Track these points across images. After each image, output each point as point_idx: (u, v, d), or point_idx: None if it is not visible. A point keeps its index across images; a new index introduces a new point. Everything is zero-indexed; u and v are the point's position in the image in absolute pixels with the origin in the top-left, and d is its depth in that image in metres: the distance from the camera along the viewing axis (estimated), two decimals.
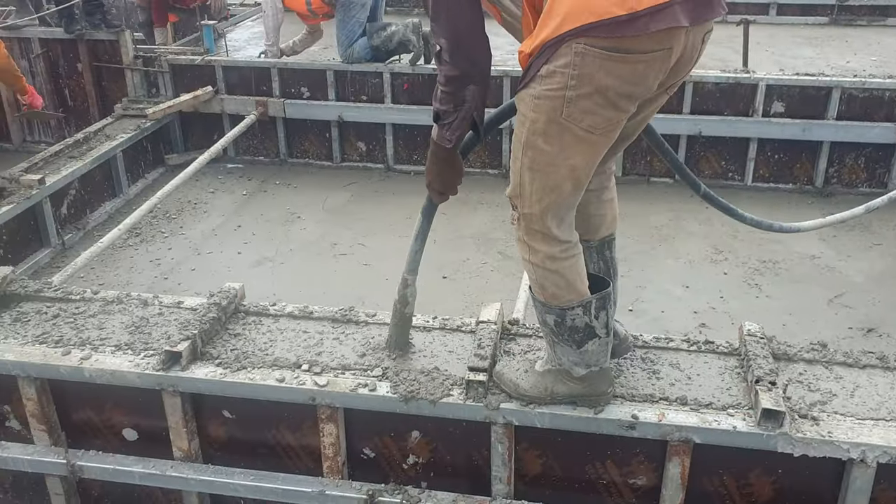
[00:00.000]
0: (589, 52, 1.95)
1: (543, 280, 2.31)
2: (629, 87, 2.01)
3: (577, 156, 2.12)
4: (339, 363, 2.74)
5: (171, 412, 2.76)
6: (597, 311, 2.33)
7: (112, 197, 5.79)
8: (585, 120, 2.05)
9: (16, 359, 2.79)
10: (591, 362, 2.41)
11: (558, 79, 2.01)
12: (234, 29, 7.94)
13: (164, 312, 3.04)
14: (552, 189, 2.17)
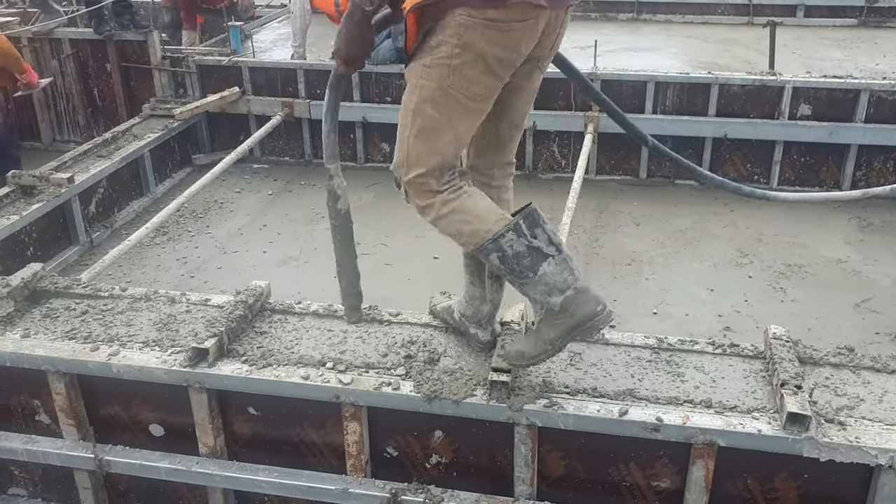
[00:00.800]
0: (469, 22, 2.15)
1: (454, 226, 2.37)
2: (505, 52, 2.21)
3: (461, 123, 2.30)
4: (362, 361, 2.76)
5: (197, 408, 2.79)
6: (530, 229, 2.34)
7: (140, 196, 5.86)
8: (469, 87, 2.23)
9: (46, 354, 2.83)
10: (560, 285, 2.35)
11: (445, 48, 2.20)
12: (261, 30, 8.00)
13: (192, 310, 3.08)
14: (437, 153, 2.31)
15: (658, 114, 6.14)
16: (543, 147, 6.41)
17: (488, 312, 2.76)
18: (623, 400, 2.56)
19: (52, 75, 6.87)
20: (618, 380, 2.66)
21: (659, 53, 7.55)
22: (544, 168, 6.47)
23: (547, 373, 2.69)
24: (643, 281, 4.88)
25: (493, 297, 2.73)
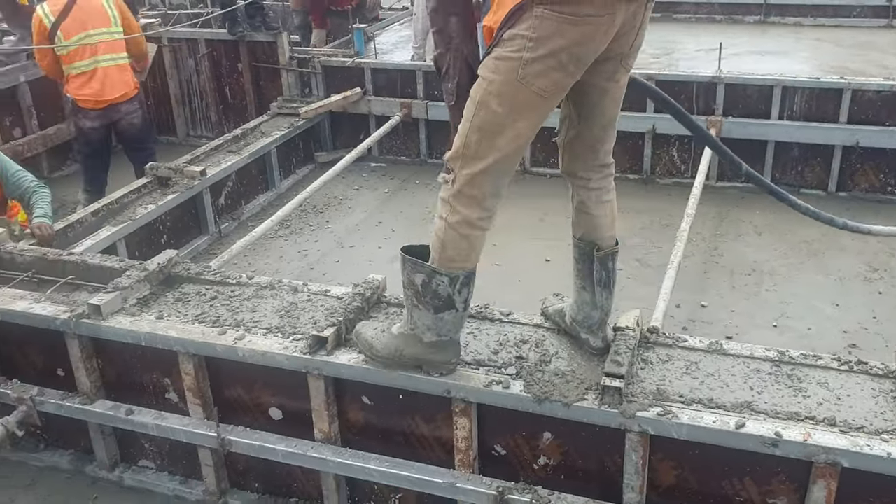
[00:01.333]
0: (546, 15, 2.14)
1: (448, 241, 2.44)
2: (578, 48, 2.19)
3: (524, 119, 2.28)
4: (473, 358, 2.80)
5: (314, 395, 2.90)
6: (461, 286, 2.51)
7: (265, 190, 6.13)
8: (538, 82, 2.21)
9: (177, 335, 3.01)
10: (443, 331, 2.58)
11: (518, 42, 2.19)
12: (383, 32, 8.19)
13: (312, 299, 3.20)
14: (496, 150, 2.31)
15: (785, 119, 5.90)
16: (662, 151, 6.28)
17: (599, 318, 2.76)
18: (740, 412, 2.49)
19: (189, 73, 7.27)
20: (735, 391, 2.59)
21: (787, 57, 7.23)
22: (663, 172, 6.33)
23: (661, 380, 2.65)
24: (763, 292, 4.70)
25: (603, 303, 2.74)
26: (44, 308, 3.18)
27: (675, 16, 9.60)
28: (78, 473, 3.45)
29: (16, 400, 3.30)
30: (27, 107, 6.65)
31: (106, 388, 3.30)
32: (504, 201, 2.52)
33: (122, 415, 3.18)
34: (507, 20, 2.19)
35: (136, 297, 3.22)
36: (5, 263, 3.59)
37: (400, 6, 9.72)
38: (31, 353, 3.39)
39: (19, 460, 3.52)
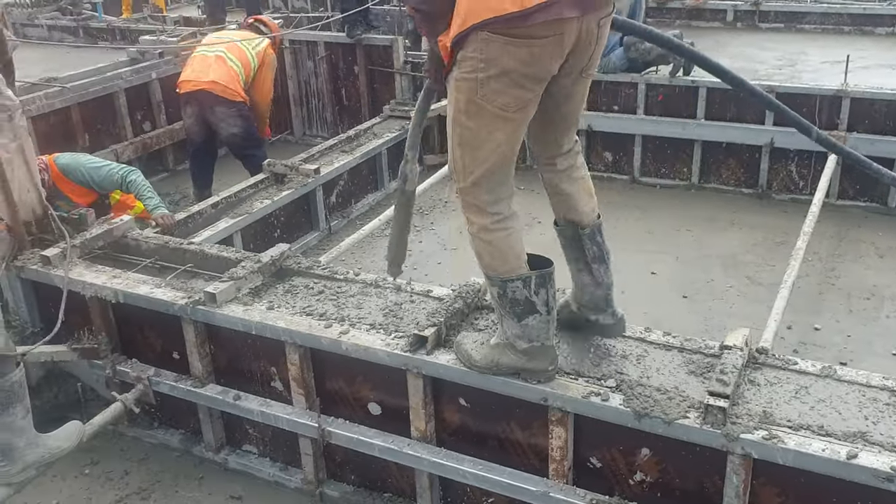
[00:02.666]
0: (491, 38, 2.22)
1: (481, 250, 2.55)
2: (528, 68, 2.27)
3: (498, 132, 2.36)
4: (573, 368, 2.77)
5: (413, 393, 2.95)
6: (537, 287, 2.54)
7: (374, 190, 6.26)
8: (497, 99, 2.30)
9: (286, 326, 3.12)
10: (532, 337, 2.60)
11: (470, 63, 2.28)
12: None
13: (415, 299, 3.25)
14: (481, 162, 2.41)
15: None
16: (780, 166, 6.04)
17: (603, 295, 2.81)
18: (853, 442, 2.37)
19: (307, 74, 7.51)
20: (848, 420, 2.46)
21: None
22: (780, 188, 6.09)
23: (769, 403, 2.55)
24: (883, 318, 4.46)
25: (602, 278, 2.80)
26: (164, 293, 3.36)
27: (800, 26, 9.24)
28: (186, 453, 3.63)
29: (134, 379, 3.51)
30: (157, 102, 7.04)
31: (216, 373, 3.45)
32: (611, 212, 2.51)
33: (230, 399, 3.32)
34: (457, 42, 2.28)
35: (249, 287, 3.36)
36: (131, 249, 3.82)
37: None
38: (150, 335, 3.59)
39: (134, 436, 3.73)
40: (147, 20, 10.12)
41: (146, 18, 10.31)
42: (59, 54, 9.23)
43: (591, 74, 2.53)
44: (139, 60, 7.07)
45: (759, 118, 5.97)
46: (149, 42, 7.41)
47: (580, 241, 2.74)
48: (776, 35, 9.02)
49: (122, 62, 7.14)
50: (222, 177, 6.16)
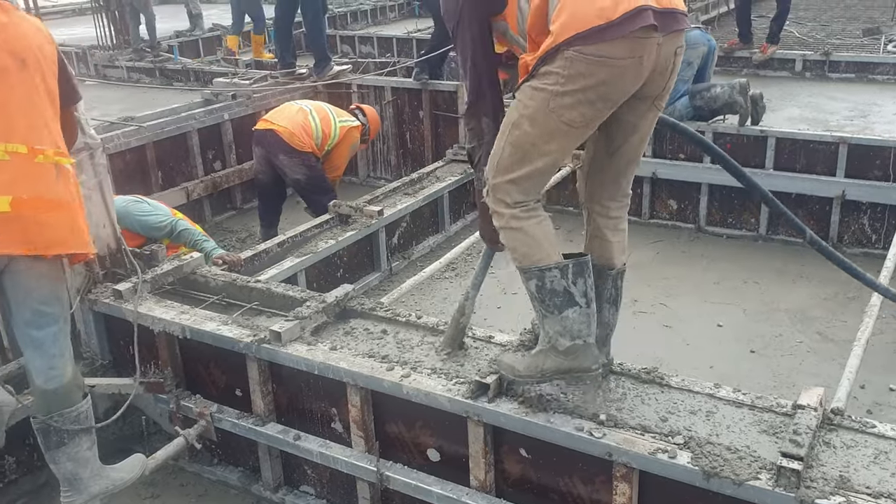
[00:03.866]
0: (576, 57, 2.33)
1: (513, 241, 2.59)
2: (606, 87, 2.38)
3: (554, 143, 2.47)
4: (639, 423, 2.71)
5: (473, 440, 2.91)
6: (574, 276, 2.56)
7: (435, 232, 6.29)
8: (566, 114, 2.40)
9: (348, 367, 3.13)
10: (574, 333, 2.60)
11: (552, 77, 2.38)
12: None
13: (477, 345, 3.23)
14: (526, 165, 2.50)
15: None
16: (852, 219, 5.88)
17: (603, 336, 2.87)
18: None
19: None
20: None
21: None
22: (851, 241, 5.92)
23: (845, 467, 2.44)
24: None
25: (609, 319, 2.88)
26: (230, 330, 3.41)
27: (872, 77, 9.05)
28: (245, 491, 3.64)
29: (197, 414, 3.56)
30: (228, 142, 7.24)
31: (277, 412, 3.47)
32: (675, 261, 2.51)
33: (290, 439, 3.33)
34: (543, 59, 2.39)
35: (313, 326, 3.39)
36: (200, 286, 3.90)
37: None
38: (215, 371, 3.64)
39: (195, 471, 3.77)
40: (220, 63, 10.47)
41: (219, 61, 10.67)
42: (136, 94, 9.61)
43: (662, 106, 2.62)
44: (212, 101, 7.31)
45: (831, 170, 5.84)
46: (222, 84, 7.65)
47: (600, 281, 2.79)
48: (846, 86, 8.86)
49: (196, 103, 7.38)
50: (289, 216, 6.28)
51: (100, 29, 11.40)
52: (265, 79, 7.80)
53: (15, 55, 2.67)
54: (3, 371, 3.52)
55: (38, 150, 2.71)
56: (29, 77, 2.71)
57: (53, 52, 2.87)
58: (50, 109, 2.80)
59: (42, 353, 2.84)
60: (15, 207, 2.63)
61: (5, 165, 2.63)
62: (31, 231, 2.68)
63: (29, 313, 2.80)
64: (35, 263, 2.75)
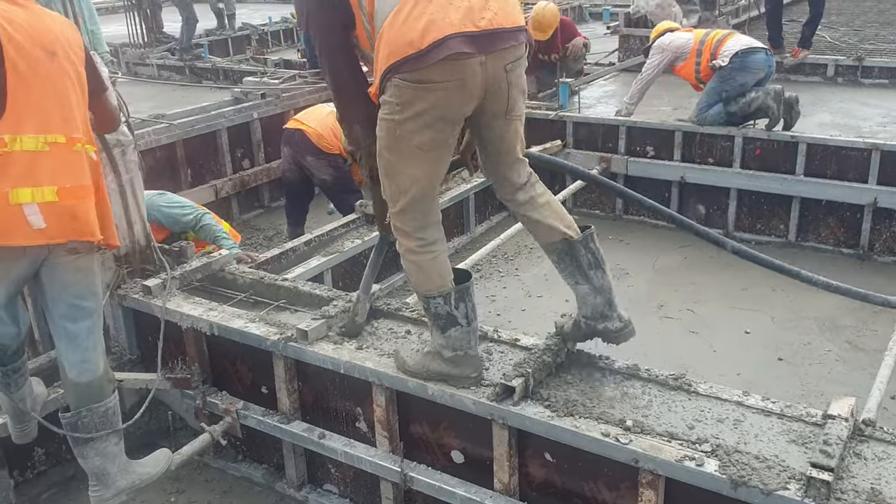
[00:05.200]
0: (402, 84, 2.48)
1: (409, 270, 2.84)
2: (439, 111, 2.51)
3: (415, 167, 2.62)
4: (665, 430, 2.68)
5: (497, 443, 2.91)
6: (456, 302, 2.79)
7: (461, 234, 6.29)
8: (413, 138, 2.55)
9: (374, 367, 3.13)
10: (456, 346, 2.85)
11: (389, 106, 2.55)
12: (588, 87, 8.23)
13: (502, 348, 3.22)
14: (404, 192, 2.67)
15: None
16: (883, 227, 5.80)
17: (604, 301, 2.91)
18: None
19: None
20: None
21: None
22: (883, 249, 5.84)
23: (877, 479, 2.41)
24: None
25: (601, 284, 2.91)
26: (257, 328, 3.43)
27: None
28: (268, 488, 3.66)
29: (223, 411, 3.58)
30: (257, 141, 7.30)
31: (302, 410, 3.49)
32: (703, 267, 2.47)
33: (315, 437, 3.35)
34: (380, 90, 2.56)
35: (339, 325, 3.40)
36: (228, 283, 3.93)
37: (606, 62, 9.74)
38: (241, 368, 3.67)
39: (219, 468, 3.80)
40: (249, 62, 10.55)
41: (248, 60, 10.75)
42: (166, 92, 9.71)
43: (518, 117, 2.74)
44: (242, 100, 7.37)
45: (863, 176, 5.77)
46: (251, 83, 7.71)
47: (573, 252, 2.87)
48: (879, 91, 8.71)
49: (226, 101, 7.45)
50: (316, 215, 6.31)
51: (131, 27, 11.54)
52: (294, 78, 7.85)
53: (44, 47, 2.71)
54: (34, 363, 3.56)
55: (74, 138, 2.77)
56: (59, 67, 2.75)
57: (79, 40, 2.91)
58: (81, 98, 2.85)
59: (76, 347, 2.88)
60: (61, 197, 2.69)
61: (46, 156, 2.68)
62: (76, 219, 2.73)
63: (65, 307, 2.84)
64: (73, 258, 2.80)
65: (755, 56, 6.13)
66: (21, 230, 2.64)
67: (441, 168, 2.71)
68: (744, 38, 6.31)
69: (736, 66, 6.10)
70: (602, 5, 15.68)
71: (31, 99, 2.67)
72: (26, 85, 2.65)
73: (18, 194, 2.62)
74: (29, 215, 2.63)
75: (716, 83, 6.22)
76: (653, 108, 7.15)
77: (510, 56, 2.57)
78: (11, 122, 2.62)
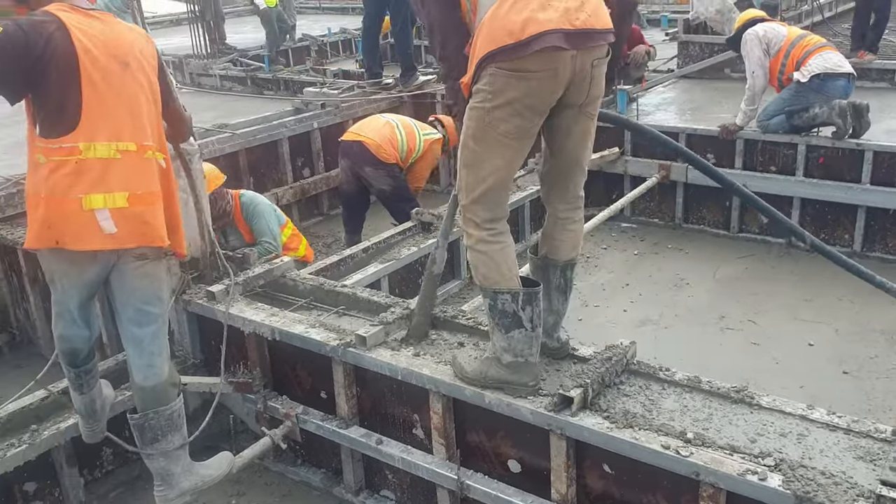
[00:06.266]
0: (497, 73, 2.61)
1: (477, 262, 2.86)
2: (529, 99, 2.64)
3: (497, 157, 2.74)
4: (727, 443, 2.64)
5: (555, 454, 2.90)
6: (524, 303, 2.82)
7: (515, 242, 6.22)
8: (501, 126, 2.68)
9: (431, 374, 3.15)
10: (517, 351, 2.88)
11: (481, 95, 2.67)
12: (646, 94, 8.14)
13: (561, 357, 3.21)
14: (482, 181, 2.76)
15: None
16: None
17: (552, 322, 3.11)
18: None
19: None
20: None
21: None
22: None
23: None
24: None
25: (558, 307, 3.11)
26: (317, 333, 3.49)
27: None
28: (327, 493, 3.71)
29: (283, 415, 3.65)
30: (317, 150, 7.42)
31: (360, 415, 3.53)
32: (765, 277, 2.43)
33: (373, 443, 3.38)
34: (473, 79, 2.69)
35: (398, 332, 3.43)
36: (289, 289, 4.01)
37: (665, 69, 9.63)
38: (301, 373, 3.73)
39: (279, 471, 3.86)
40: (309, 73, 10.73)
41: (308, 71, 10.93)
42: (228, 102, 9.94)
43: (591, 114, 2.83)
44: (302, 110, 7.50)
45: None
46: (312, 93, 7.84)
47: (548, 271, 3.07)
48: None
49: (287, 111, 7.59)
50: (373, 222, 6.38)
51: (195, 38, 11.84)
52: (352, 88, 7.95)
53: (118, 58, 2.81)
54: (103, 366, 3.68)
55: (145, 146, 2.86)
56: (132, 77, 2.84)
57: (152, 50, 3.01)
58: (153, 107, 2.94)
59: (141, 351, 2.97)
60: (131, 202, 2.79)
61: (117, 164, 2.78)
62: (145, 224, 2.83)
63: (132, 311, 2.93)
64: (141, 263, 2.89)
65: (836, 83, 5.89)
66: (94, 235, 2.74)
67: (520, 159, 2.81)
68: (832, 59, 5.95)
69: (813, 88, 5.89)
70: (660, 11, 15.51)
71: (105, 109, 2.77)
72: (100, 95, 2.75)
73: (91, 200, 2.72)
74: (101, 220, 2.73)
75: (787, 94, 6.05)
76: (713, 114, 7.04)
77: (598, 53, 2.72)
78: (86, 130, 2.73)
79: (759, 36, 6.16)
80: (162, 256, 2.98)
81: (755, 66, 6.15)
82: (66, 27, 2.69)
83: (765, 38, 6.15)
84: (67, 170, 2.70)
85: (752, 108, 6.20)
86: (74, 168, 2.71)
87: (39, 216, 2.74)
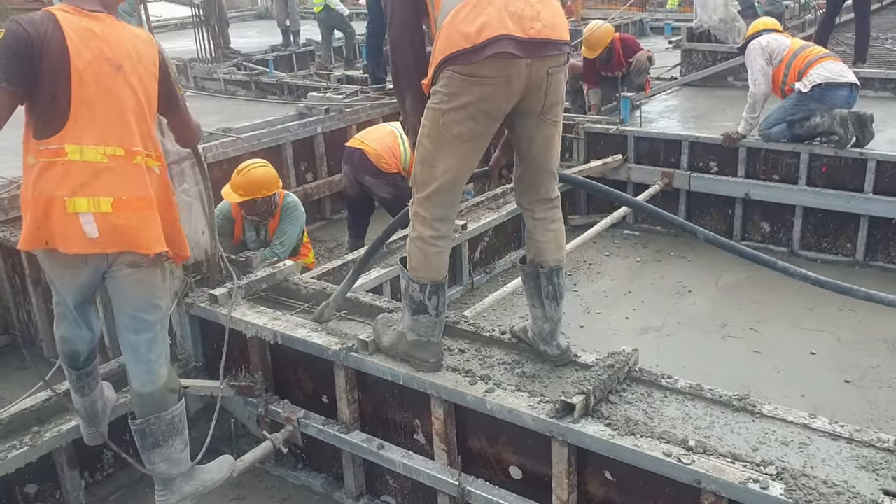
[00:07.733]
0: (453, 76, 2.71)
1: (411, 253, 3.03)
2: (483, 104, 2.74)
3: (450, 157, 2.84)
4: (729, 451, 2.63)
5: (556, 461, 2.89)
6: (430, 294, 3.03)
7: (518, 247, 6.28)
8: (454, 128, 2.78)
9: (432, 380, 3.15)
10: (420, 332, 3.11)
11: (438, 96, 2.78)
12: (649, 101, 8.15)
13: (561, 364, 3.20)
14: (433, 180, 2.88)
15: None
16: None
17: (550, 330, 3.17)
18: None
19: None
20: None
21: None
22: None
23: None
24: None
25: (552, 315, 3.16)
26: (319, 337, 3.49)
27: None
28: (327, 497, 3.70)
29: (284, 419, 3.65)
30: (320, 155, 7.43)
31: (362, 420, 3.53)
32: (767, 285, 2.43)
33: (374, 448, 3.38)
34: (432, 80, 2.79)
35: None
36: (291, 293, 4.01)
37: (668, 76, 9.65)
38: (303, 377, 3.73)
39: (279, 475, 3.86)
40: (313, 77, 10.75)
41: (312, 76, 10.96)
42: (232, 106, 9.96)
43: (552, 121, 2.90)
44: (306, 115, 7.51)
45: None
46: (315, 98, 7.86)
47: (536, 279, 3.13)
48: None
49: (291, 116, 7.60)
50: (377, 227, 6.37)
51: (199, 42, 11.87)
52: (356, 94, 7.97)
53: (111, 61, 2.76)
54: (104, 368, 3.68)
55: (134, 151, 2.82)
56: (125, 81, 2.79)
57: (153, 55, 2.93)
58: (146, 112, 2.88)
59: (138, 358, 2.95)
60: (116, 208, 2.75)
61: (105, 168, 2.75)
62: (130, 230, 2.79)
63: (127, 318, 2.92)
64: (133, 270, 2.86)
65: (837, 92, 5.90)
66: (78, 238, 2.72)
67: (473, 161, 2.91)
68: (834, 69, 5.96)
69: (814, 97, 5.91)
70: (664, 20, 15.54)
71: (93, 111, 2.73)
72: (89, 97, 2.71)
73: (76, 203, 2.70)
74: (84, 224, 2.71)
75: (789, 104, 6.07)
76: (716, 122, 7.05)
77: (553, 62, 2.79)
78: (73, 132, 2.70)
79: (763, 46, 6.20)
80: (158, 263, 2.95)
81: (757, 75, 6.17)
82: (61, 27, 2.68)
83: (767, 48, 6.19)
84: (54, 171, 2.69)
85: (753, 116, 6.21)
86: (61, 170, 2.69)
87: (30, 217, 2.74)
